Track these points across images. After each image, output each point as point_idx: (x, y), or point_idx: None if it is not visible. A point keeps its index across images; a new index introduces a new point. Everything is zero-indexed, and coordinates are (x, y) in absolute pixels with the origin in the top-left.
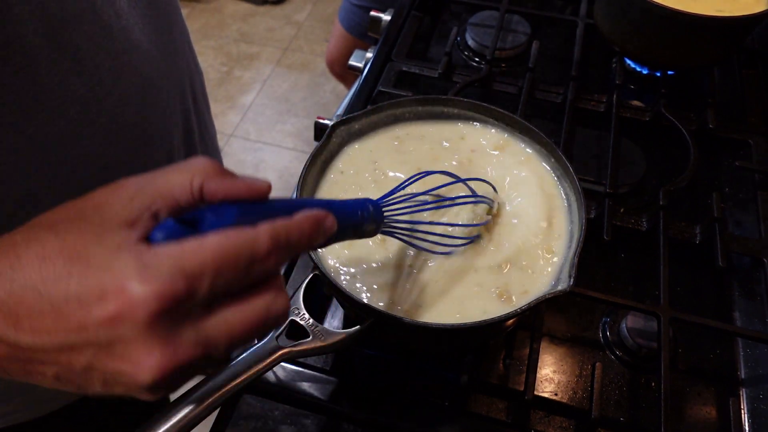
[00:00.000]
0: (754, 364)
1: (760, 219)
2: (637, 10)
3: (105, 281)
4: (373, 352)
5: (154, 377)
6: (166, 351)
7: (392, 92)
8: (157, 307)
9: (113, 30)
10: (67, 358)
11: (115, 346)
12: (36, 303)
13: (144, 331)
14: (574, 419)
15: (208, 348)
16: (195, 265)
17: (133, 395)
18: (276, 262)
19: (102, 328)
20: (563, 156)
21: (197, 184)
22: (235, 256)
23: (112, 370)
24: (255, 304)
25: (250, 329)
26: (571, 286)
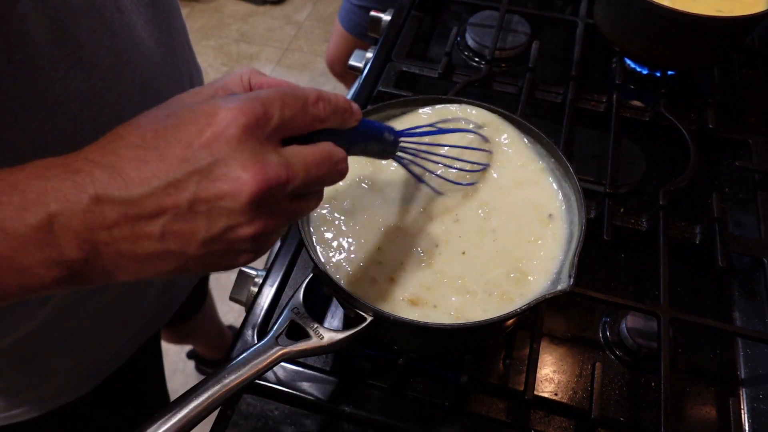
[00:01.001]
0: (754, 364)
1: (760, 219)
2: (637, 10)
3: (198, 118)
4: (373, 352)
5: (253, 192)
6: (258, 166)
7: (392, 92)
8: (245, 121)
9: (115, 26)
10: (172, 200)
11: (214, 169)
12: (141, 155)
13: (237, 147)
14: (574, 419)
15: (290, 171)
16: (265, 95)
17: (234, 237)
18: (324, 109)
19: (202, 153)
20: (563, 156)
21: (246, 79)
22: (293, 95)
23: (214, 194)
24: (319, 146)
25: (320, 163)
26: (571, 286)
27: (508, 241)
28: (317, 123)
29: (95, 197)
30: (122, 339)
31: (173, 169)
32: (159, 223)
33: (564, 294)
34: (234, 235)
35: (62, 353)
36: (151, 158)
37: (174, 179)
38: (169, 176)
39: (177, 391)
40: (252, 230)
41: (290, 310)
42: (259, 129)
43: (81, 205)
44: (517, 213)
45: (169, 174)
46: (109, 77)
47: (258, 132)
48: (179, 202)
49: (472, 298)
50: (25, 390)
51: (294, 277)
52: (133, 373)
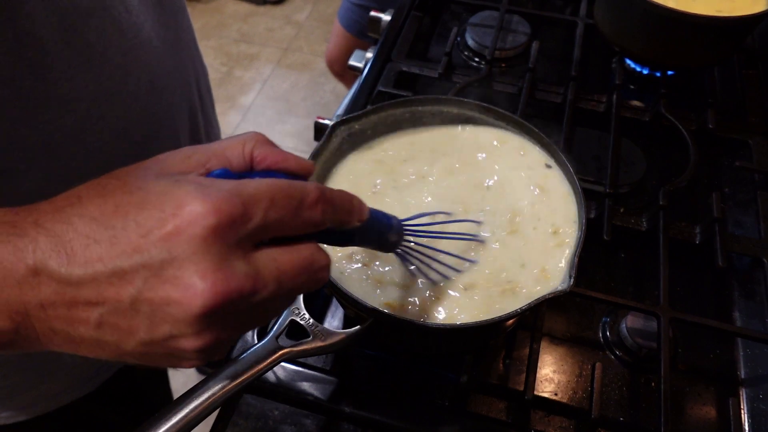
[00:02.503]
0: (754, 364)
1: (760, 219)
2: (637, 10)
3: (165, 204)
4: (373, 352)
5: (205, 304)
6: (219, 276)
7: (392, 92)
8: (214, 223)
9: (123, 26)
10: (114, 292)
11: (167, 268)
12: (93, 232)
13: (199, 249)
14: (574, 419)
15: (257, 283)
16: (251, 192)
17: (177, 347)
18: (322, 214)
19: (157, 247)
20: (563, 156)
21: (248, 149)
22: (287, 193)
23: (160, 298)
24: (301, 250)
25: (298, 272)
26: (571, 286)
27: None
28: (310, 228)
29: (33, 268)
30: None
31: (122, 257)
32: (96, 312)
33: (564, 294)
34: (177, 345)
35: (65, 352)
36: (102, 238)
37: (120, 269)
38: (115, 264)
39: (177, 391)
40: (197, 344)
41: (290, 310)
42: (231, 232)
43: (17, 275)
44: (518, 213)
45: (116, 262)
46: (117, 76)
47: (229, 235)
48: (121, 296)
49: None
50: (28, 389)
51: None
52: (136, 372)
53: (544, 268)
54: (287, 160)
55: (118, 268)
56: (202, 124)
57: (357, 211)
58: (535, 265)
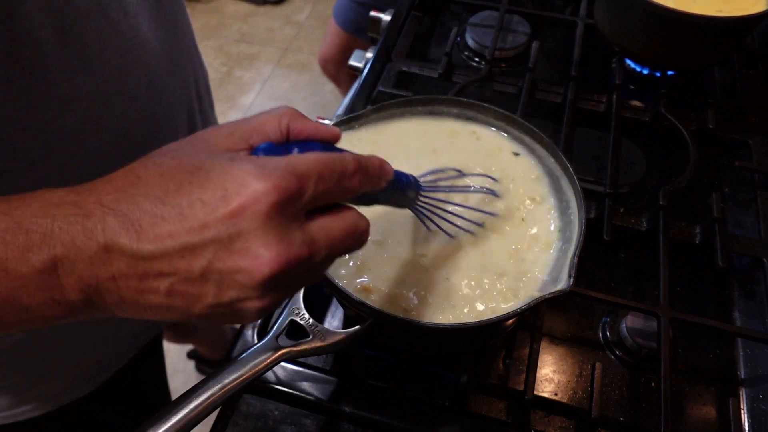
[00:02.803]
0: (754, 364)
1: (760, 219)
2: (637, 10)
3: (226, 183)
4: (373, 352)
5: (271, 271)
6: (282, 245)
7: (392, 92)
8: (276, 199)
9: (121, 27)
10: (186, 264)
11: (235, 241)
12: (159, 210)
13: (263, 224)
14: (574, 419)
15: (312, 249)
16: (303, 168)
17: (241, 307)
18: (359, 182)
19: (224, 223)
20: (563, 156)
21: (285, 123)
22: (331, 166)
23: (230, 267)
24: (346, 216)
25: (345, 237)
26: (571, 286)
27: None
28: (349, 195)
29: (105, 246)
30: (126, 338)
31: (192, 233)
32: (167, 281)
33: (564, 294)
34: (242, 306)
35: (66, 352)
36: (170, 216)
37: (190, 244)
38: (186, 240)
39: (177, 391)
40: (261, 305)
41: (290, 310)
42: (289, 206)
43: (89, 252)
44: (517, 213)
45: (186, 238)
46: (116, 77)
47: (287, 209)
48: (192, 267)
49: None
50: (29, 389)
51: None
52: (136, 372)
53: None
54: (319, 131)
55: (189, 243)
56: (200, 124)
57: (386, 173)
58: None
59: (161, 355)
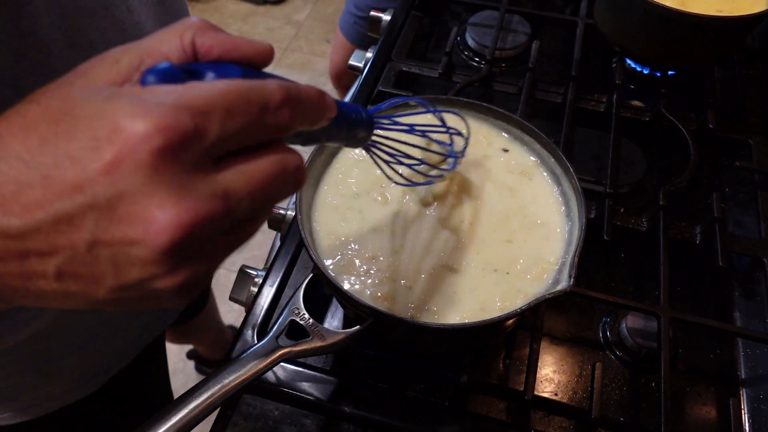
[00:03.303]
0: (754, 364)
1: (760, 219)
2: (637, 10)
3: (97, 129)
4: (373, 352)
5: (172, 238)
6: (180, 202)
7: (392, 92)
8: (161, 143)
9: (125, 26)
10: (66, 238)
11: (117, 205)
12: (21, 175)
13: (149, 176)
14: (574, 419)
15: (228, 201)
16: (202, 101)
17: (153, 288)
18: (289, 117)
19: (99, 182)
20: (563, 156)
21: (188, 39)
22: (246, 98)
23: (119, 239)
24: (269, 157)
25: (271, 180)
26: (571, 286)
27: (508, 240)
28: (278, 133)
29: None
30: (128, 339)
31: (63, 199)
32: (52, 263)
33: (564, 294)
34: (151, 287)
35: (68, 353)
36: (34, 180)
37: (64, 213)
38: (57, 208)
39: (177, 391)
40: (173, 282)
41: (290, 310)
42: (184, 151)
43: None
44: (517, 213)
45: (57, 206)
46: None
47: (182, 156)
48: (75, 242)
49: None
50: (31, 389)
51: (294, 277)
52: (138, 372)
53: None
54: (239, 46)
55: (61, 212)
56: None
57: (327, 108)
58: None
59: (163, 356)
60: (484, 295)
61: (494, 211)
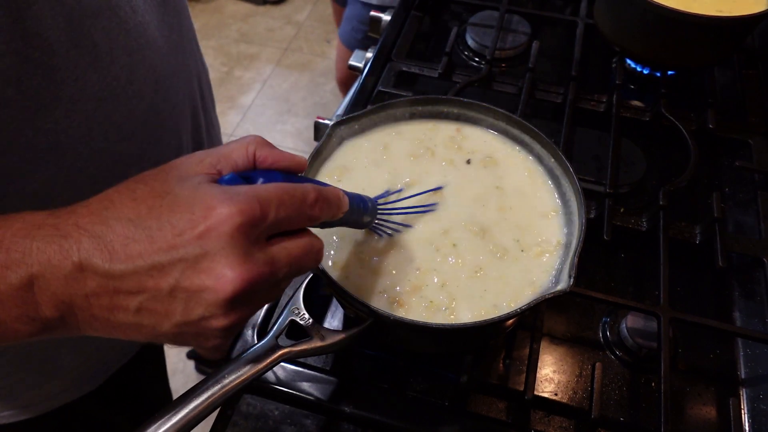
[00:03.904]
0: (754, 364)
1: (760, 219)
2: (637, 10)
3: (194, 207)
4: (373, 352)
5: (235, 289)
6: (244, 267)
7: (392, 92)
8: (240, 221)
9: (129, 26)
10: (154, 282)
11: (201, 261)
12: (130, 232)
13: (227, 245)
14: (574, 419)
15: (274, 267)
16: (265, 195)
17: (207, 326)
18: (320, 210)
19: (192, 244)
20: (563, 156)
21: (251, 151)
22: (292, 195)
23: (196, 286)
24: (302, 239)
25: (303, 255)
26: (571, 286)
27: (508, 240)
28: (309, 222)
29: (79, 265)
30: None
31: (160, 253)
32: (137, 300)
33: (564, 294)
34: (207, 325)
35: (68, 351)
36: (140, 237)
37: (159, 263)
38: (154, 259)
39: (177, 391)
40: (226, 322)
41: (290, 310)
42: (253, 229)
43: (64, 271)
44: (517, 213)
45: (155, 257)
46: (123, 77)
47: (251, 232)
48: (160, 286)
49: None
50: (30, 388)
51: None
52: (137, 372)
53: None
54: (284, 159)
55: (157, 262)
56: (203, 123)
57: (342, 205)
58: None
59: (162, 355)
60: (483, 294)
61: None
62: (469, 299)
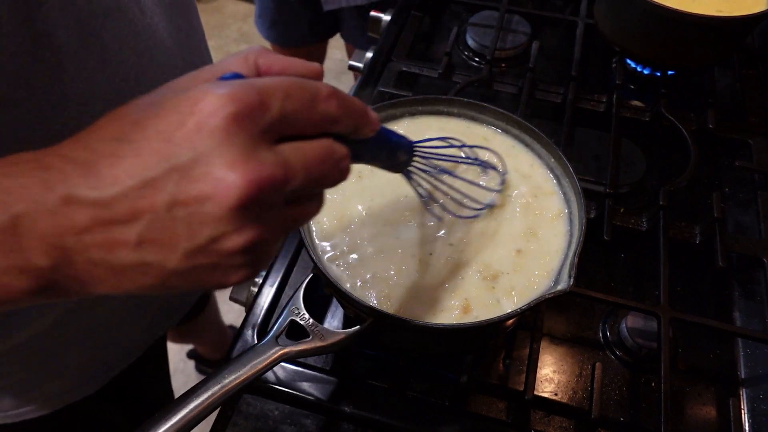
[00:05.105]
0: (754, 364)
1: (760, 219)
2: (637, 10)
3: (180, 106)
4: (373, 352)
5: (241, 195)
6: (249, 165)
7: (392, 92)
8: (234, 110)
9: (138, 27)
10: (148, 202)
11: (195, 166)
12: (115, 149)
13: (223, 141)
14: (574, 419)
15: (287, 170)
16: (265, 83)
17: (222, 249)
18: (336, 108)
19: (181, 146)
20: (563, 156)
21: (252, 59)
22: (301, 86)
23: (195, 197)
24: (321, 141)
25: (322, 161)
26: (571, 286)
27: (508, 240)
28: (327, 124)
29: (65, 197)
30: (132, 338)
31: (149, 166)
32: (134, 229)
33: (564, 294)
34: (221, 247)
35: (73, 351)
36: (126, 153)
37: (149, 178)
38: (144, 174)
39: (177, 391)
40: (242, 240)
41: (290, 310)
42: (252, 121)
43: (49, 206)
44: (517, 213)
45: (144, 172)
46: (132, 78)
47: (250, 125)
48: (155, 204)
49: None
50: (35, 387)
51: (294, 277)
52: (140, 372)
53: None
54: (294, 64)
55: (147, 177)
56: None
57: (371, 119)
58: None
59: (165, 356)
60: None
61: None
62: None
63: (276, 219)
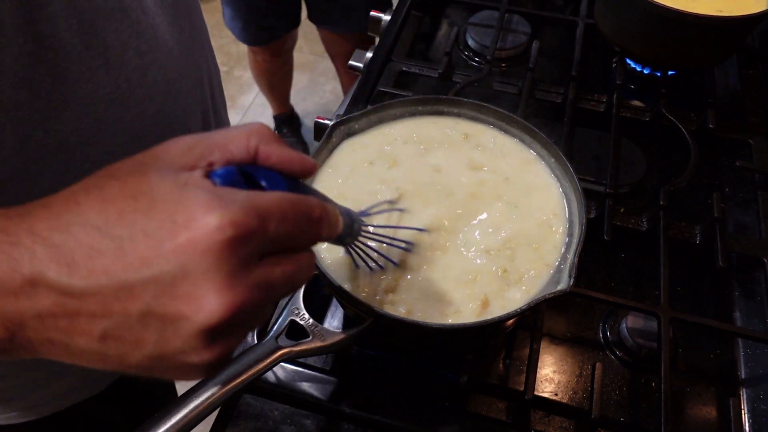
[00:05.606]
0: (754, 364)
1: (760, 219)
2: (637, 10)
3: (175, 213)
4: (373, 352)
5: (220, 319)
6: (232, 290)
7: (392, 92)
8: (232, 235)
9: (140, 28)
10: (122, 306)
11: (179, 283)
12: (96, 242)
13: (213, 264)
14: (574, 419)
15: (268, 292)
16: (266, 205)
17: (187, 361)
18: (321, 230)
19: (168, 260)
20: (563, 156)
21: (254, 144)
22: (295, 210)
23: (172, 314)
24: (302, 257)
25: (300, 273)
26: (571, 286)
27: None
28: (310, 243)
29: (30, 279)
30: None
31: (130, 270)
32: (101, 325)
33: (564, 294)
34: (186, 359)
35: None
36: (107, 249)
37: (128, 282)
38: (122, 277)
39: (177, 391)
40: (208, 357)
41: (290, 310)
42: (245, 246)
43: (12, 285)
44: (517, 213)
45: (123, 275)
46: (134, 78)
47: (242, 250)
48: (128, 310)
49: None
50: (38, 389)
51: None
52: None
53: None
54: (291, 160)
55: (126, 281)
56: (213, 124)
57: (338, 226)
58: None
59: None
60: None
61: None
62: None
63: (244, 330)
